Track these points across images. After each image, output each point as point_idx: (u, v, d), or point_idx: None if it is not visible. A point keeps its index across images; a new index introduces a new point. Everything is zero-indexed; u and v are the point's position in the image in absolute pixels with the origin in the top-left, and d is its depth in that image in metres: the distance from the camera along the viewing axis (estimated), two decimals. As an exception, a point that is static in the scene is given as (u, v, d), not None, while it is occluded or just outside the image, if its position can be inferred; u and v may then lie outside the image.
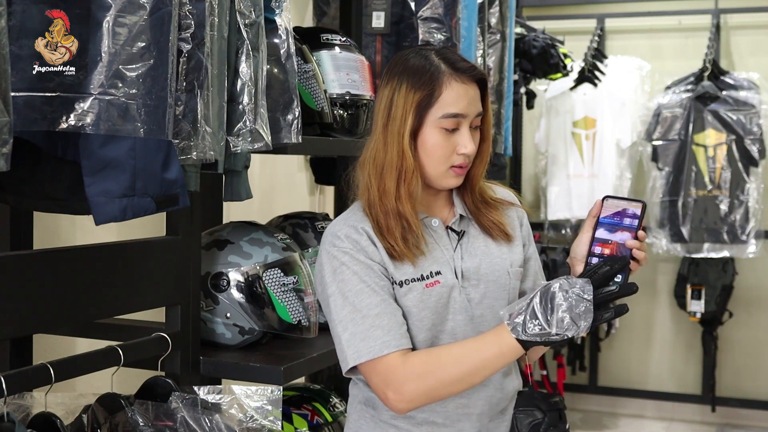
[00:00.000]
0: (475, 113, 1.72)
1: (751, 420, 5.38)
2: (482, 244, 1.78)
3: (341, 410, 2.45)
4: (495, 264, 1.77)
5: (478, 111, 1.72)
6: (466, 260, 1.76)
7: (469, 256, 1.76)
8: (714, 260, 5.11)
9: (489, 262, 1.77)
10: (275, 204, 3.71)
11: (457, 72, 1.70)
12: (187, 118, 1.62)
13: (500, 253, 1.78)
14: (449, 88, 1.69)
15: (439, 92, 1.69)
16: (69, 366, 1.71)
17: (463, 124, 1.70)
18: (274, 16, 1.98)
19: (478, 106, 1.72)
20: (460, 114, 1.69)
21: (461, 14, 3.03)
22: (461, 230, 1.78)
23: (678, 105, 5.10)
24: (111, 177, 1.53)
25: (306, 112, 2.19)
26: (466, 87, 1.71)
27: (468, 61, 1.74)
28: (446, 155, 1.71)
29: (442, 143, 1.70)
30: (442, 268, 1.73)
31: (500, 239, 1.79)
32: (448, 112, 1.69)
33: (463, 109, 1.69)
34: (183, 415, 1.81)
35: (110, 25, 1.50)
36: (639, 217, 1.65)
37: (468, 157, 1.72)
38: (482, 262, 1.76)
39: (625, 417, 5.52)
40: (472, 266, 1.75)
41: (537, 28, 4.61)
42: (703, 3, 5.46)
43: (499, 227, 1.79)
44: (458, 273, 1.74)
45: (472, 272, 1.75)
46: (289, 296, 2.18)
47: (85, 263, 1.76)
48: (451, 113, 1.69)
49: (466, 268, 1.75)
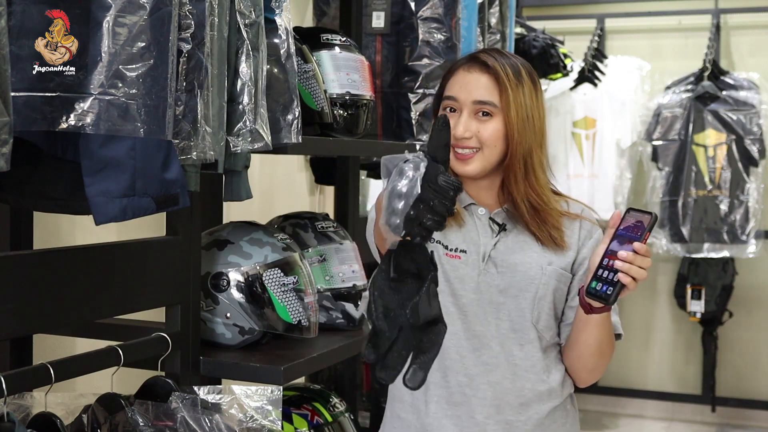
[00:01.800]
0: (472, 99, 1.78)
1: (751, 420, 5.38)
2: (523, 240, 1.82)
3: (341, 410, 2.45)
4: (530, 258, 1.80)
5: (478, 98, 1.77)
6: (501, 249, 1.81)
7: (506, 247, 1.81)
8: (714, 260, 5.11)
9: (523, 256, 1.80)
10: (275, 204, 3.71)
11: (469, 60, 1.82)
12: (187, 118, 1.62)
13: (540, 251, 1.81)
14: (454, 76, 1.83)
15: (449, 78, 1.85)
16: (69, 366, 1.70)
17: (463, 109, 1.78)
18: (274, 16, 1.98)
19: (480, 95, 1.78)
20: (451, 97, 1.80)
21: (461, 14, 3.03)
22: (503, 223, 1.83)
23: (678, 105, 5.10)
24: (111, 177, 1.53)
25: (306, 112, 2.19)
26: (470, 75, 1.80)
27: (496, 56, 1.80)
28: None
29: None
30: (470, 248, 1.81)
31: (547, 244, 1.81)
32: (446, 94, 1.83)
33: (455, 93, 1.80)
34: (183, 415, 1.81)
35: (110, 25, 1.49)
36: (644, 229, 1.65)
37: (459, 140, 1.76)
38: (516, 254, 1.80)
39: (625, 417, 5.52)
40: (504, 255, 1.80)
41: (537, 28, 4.61)
42: (703, 3, 5.46)
43: (547, 232, 1.81)
44: (485, 258, 1.79)
45: (501, 260, 1.80)
46: (289, 296, 2.18)
47: (85, 263, 1.76)
48: (447, 95, 1.82)
49: (497, 255, 1.80)
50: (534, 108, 1.80)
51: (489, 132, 1.78)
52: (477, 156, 1.79)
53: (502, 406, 1.79)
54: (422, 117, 2.95)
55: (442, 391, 1.81)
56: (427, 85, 2.95)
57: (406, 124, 2.97)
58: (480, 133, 1.78)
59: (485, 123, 1.78)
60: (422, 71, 2.93)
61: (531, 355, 1.81)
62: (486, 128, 1.78)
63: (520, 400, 1.80)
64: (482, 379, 1.79)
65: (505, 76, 1.78)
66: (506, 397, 1.79)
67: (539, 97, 1.82)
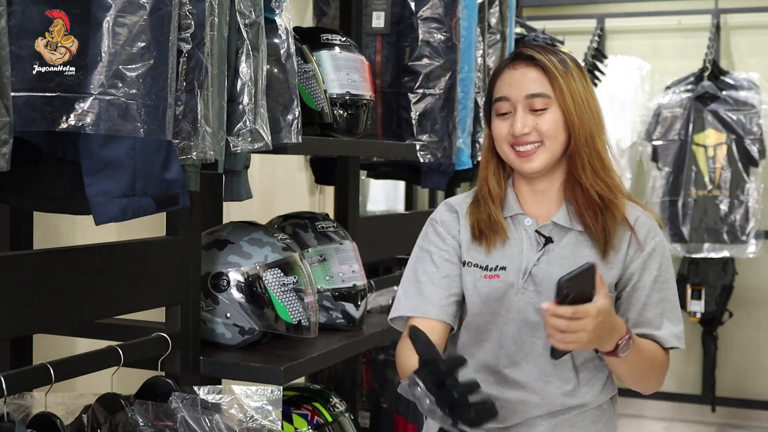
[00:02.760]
0: (524, 94, 1.76)
1: (751, 420, 5.38)
2: (570, 255, 1.77)
3: (341, 410, 2.45)
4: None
5: (530, 92, 1.76)
6: (543, 265, 1.77)
7: (549, 263, 1.77)
8: (714, 260, 5.11)
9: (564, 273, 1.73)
10: (275, 204, 3.71)
11: (512, 58, 1.82)
12: (187, 118, 1.62)
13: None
14: (502, 75, 1.81)
15: (495, 80, 1.83)
16: (69, 366, 1.70)
17: (517, 107, 1.77)
18: (274, 16, 1.98)
19: (531, 88, 1.76)
20: (502, 97, 1.79)
21: (461, 14, 3.03)
22: (549, 236, 1.79)
23: (678, 105, 5.10)
24: (111, 177, 1.53)
25: (306, 112, 2.19)
26: (515, 71, 1.79)
27: (539, 50, 1.80)
28: (502, 136, 1.79)
29: (498, 126, 1.80)
30: (510, 265, 1.78)
31: (597, 249, 1.76)
32: (496, 96, 1.81)
33: (506, 92, 1.79)
34: (183, 415, 1.81)
35: (110, 25, 1.49)
36: (589, 283, 1.58)
37: (519, 137, 1.76)
38: (557, 272, 1.70)
39: (625, 417, 5.52)
40: (546, 272, 1.75)
41: (537, 28, 4.60)
42: (703, 3, 5.47)
43: (602, 234, 1.75)
44: (525, 274, 1.76)
45: (543, 278, 1.75)
46: (289, 296, 2.18)
47: (85, 263, 1.76)
48: (497, 97, 1.81)
49: (539, 272, 1.76)
50: (587, 93, 1.79)
51: (548, 124, 1.75)
52: (540, 150, 1.76)
53: (531, 420, 1.77)
54: (422, 117, 2.96)
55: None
56: (427, 85, 2.95)
57: (406, 124, 2.97)
58: (539, 126, 1.75)
59: (542, 116, 1.75)
60: (422, 71, 2.94)
61: (564, 374, 1.78)
62: (544, 121, 1.75)
63: (548, 412, 1.78)
64: (511, 395, 1.77)
65: (552, 65, 1.76)
66: (535, 411, 1.77)
67: (588, 83, 1.81)
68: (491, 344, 1.81)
